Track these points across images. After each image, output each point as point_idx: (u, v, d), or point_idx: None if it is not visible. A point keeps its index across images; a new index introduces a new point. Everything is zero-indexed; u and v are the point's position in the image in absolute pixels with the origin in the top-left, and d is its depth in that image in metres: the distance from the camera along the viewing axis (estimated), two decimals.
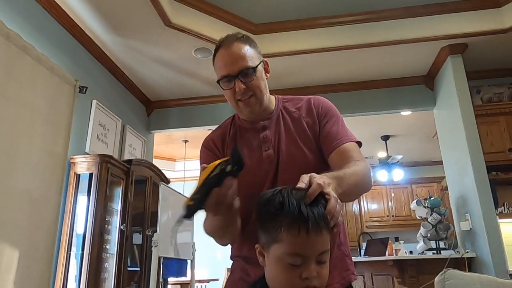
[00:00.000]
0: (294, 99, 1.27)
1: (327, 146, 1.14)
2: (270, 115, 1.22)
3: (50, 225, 2.78)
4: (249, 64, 1.13)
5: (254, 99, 1.15)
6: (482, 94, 4.02)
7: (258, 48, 1.21)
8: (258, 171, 1.14)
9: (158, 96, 4.60)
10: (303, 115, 1.20)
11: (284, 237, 0.72)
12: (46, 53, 2.83)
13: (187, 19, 3.35)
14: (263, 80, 1.18)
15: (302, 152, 1.14)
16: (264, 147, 1.16)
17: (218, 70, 1.17)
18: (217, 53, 1.17)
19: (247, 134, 1.22)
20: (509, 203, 3.60)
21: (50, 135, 2.84)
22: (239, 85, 1.12)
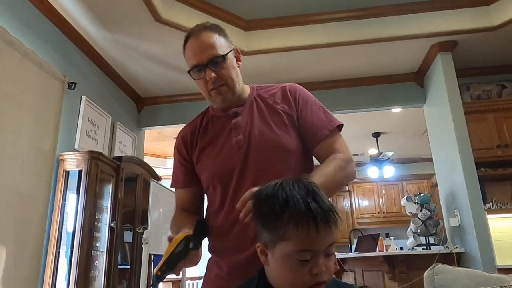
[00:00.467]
0: (268, 86, 1.26)
1: (311, 138, 1.15)
2: (243, 102, 1.21)
3: (38, 223, 2.74)
4: (218, 52, 1.12)
5: (225, 88, 1.14)
6: (471, 91, 4.06)
7: (228, 37, 1.20)
8: (226, 158, 1.13)
9: (149, 92, 4.56)
10: (278, 101, 1.19)
11: (293, 234, 0.69)
12: (34, 48, 2.79)
13: (178, 15, 3.32)
14: (234, 68, 1.16)
15: (276, 135, 1.12)
16: (235, 133, 1.15)
17: (188, 60, 1.16)
18: (187, 44, 1.17)
19: (219, 122, 1.21)
20: (497, 199, 3.65)
21: (38, 131, 2.80)
22: (209, 74, 1.11)
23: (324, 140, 1.13)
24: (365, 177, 7.08)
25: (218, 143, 1.17)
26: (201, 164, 1.19)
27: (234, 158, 1.12)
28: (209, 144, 1.19)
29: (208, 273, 1.17)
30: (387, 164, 6.20)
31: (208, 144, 1.19)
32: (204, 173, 1.18)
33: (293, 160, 1.11)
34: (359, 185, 7.55)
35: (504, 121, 3.64)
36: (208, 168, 1.17)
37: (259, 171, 1.08)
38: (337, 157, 1.09)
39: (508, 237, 3.51)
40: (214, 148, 1.17)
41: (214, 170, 1.14)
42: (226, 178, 1.12)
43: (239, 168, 1.10)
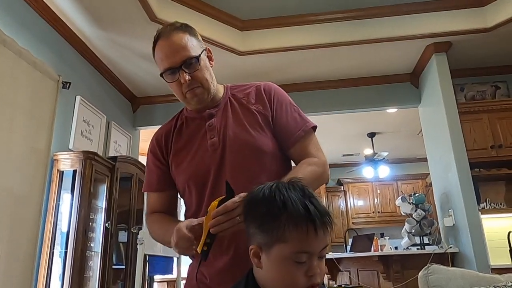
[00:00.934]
0: (243, 85, 1.24)
1: (286, 140, 1.13)
2: (218, 102, 1.18)
3: (32, 223, 2.72)
4: (191, 53, 1.09)
5: (201, 89, 1.12)
6: (465, 92, 4.09)
7: (199, 36, 1.17)
8: (201, 161, 1.11)
9: (144, 92, 4.55)
10: (252, 101, 1.17)
11: (292, 236, 0.70)
12: (28, 47, 2.76)
13: (173, 15, 3.31)
14: (207, 69, 1.14)
15: (251, 136, 1.10)
16: (210, 135, 1.13)
17: (160, 63, 1.12)
18: (157, 45, 1.13)
19: (193, 124, 1.18)
20: (491, 199, 3.68)
21: (32, 131, 2.78)
22: (183, 76, 1.08)
23: (299, 142, 1.12)
24: (360, 177, 7.11)
25: (193, 145, 1.15)
26: (176, 168, 1.16)
27: (209, 160, 1.10)
28: (183, 147, 1.17)
29: (190, 278, 1.13)
30: (382, 164, 6.22)
31: (183, 147, 1.17)
32: (179, 177, 1.16)
33: (268, 161, 1.10)
34: (354, 185, 7.58)
35: (498, 121, 3.66)
36: (183, 171, 1.14)
37: (235, 172, 1.06)
38: (312, 161, 1.08)
39: (502, 237, 3.52)
40: (189, 151, 1.15)
41: (189, 173, 1.12)
42: (201, 181, 1.10)
43: (214, 170, 1.08)
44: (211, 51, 1.20)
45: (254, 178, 1.01)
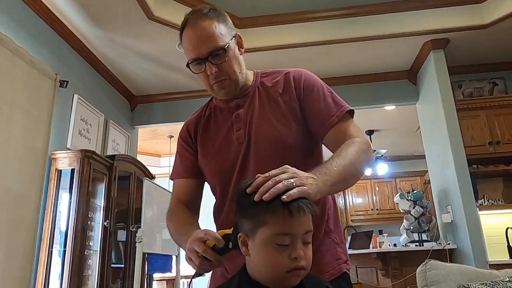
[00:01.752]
0: (273, 73, 1.18)
1: (319, 126, 1.06)
2: (246, 92, 1.13)
3: (30, 222, 2.72)
4: (219, 43, 1.03)
5: (228, 81, 1.07)
6: (463, 89, 4.09)
7: (228, 21, 1.10)
8: (227, 155, 1.08)
9: (142, 90, 4.54)
10: (280, 91, 1.11)
11: (272, 219, 0.73)
12: (25, 46, 2.76)
13: (171, 12, 3.30)
14: (236, 58, 1.08)
15: (275, 129, 1.05)
16: (236, 127, 1.09)
17: (186, 52, 1.07)
18: (183, 34, 1.07)
19: (221, 114, 1.15)
20: (489, 196, 3.69)
21: (30, 130, 2.78)
22: (210, 68, 1.04)
23: (334, 127, 1.04)
24: None
25: (220, 137, 1.11)
26: (203, 159, 1.14)
27: (235, 154, 1.07)
28: (210, 138, 1.14)
29: (214, 272, 1.12)
30: (380, 161, 6.23)
31: (210, 138, 1.14)
32: (205, 169, 1.14)
33: (293, 156, 1.04)
34: None
35: (496, 118, 3.67)
36: (209, 165, 1.12)
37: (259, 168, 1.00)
38: (356, 140, 1.00)
39: (500, 233, 3.53)
40: (216, 143, 1.12)
41: (215, 168, 1.10)
42: (227, 175, 1.07)
43: (239, 165, 1.06)
44: (242, 37, 1.13)
45: None
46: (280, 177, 0.76)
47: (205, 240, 0.84)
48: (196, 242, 0.84)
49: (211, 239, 0.83)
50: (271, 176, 0.76)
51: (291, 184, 0.74)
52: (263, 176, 0.77)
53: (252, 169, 1.04)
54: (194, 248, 0.84)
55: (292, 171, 0.79)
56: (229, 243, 0.84)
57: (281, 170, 0.79)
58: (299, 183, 0.76)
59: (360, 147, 0.98)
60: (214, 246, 0.84)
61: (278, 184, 0.74)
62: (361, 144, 0.99)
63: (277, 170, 0.78)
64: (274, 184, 0.74)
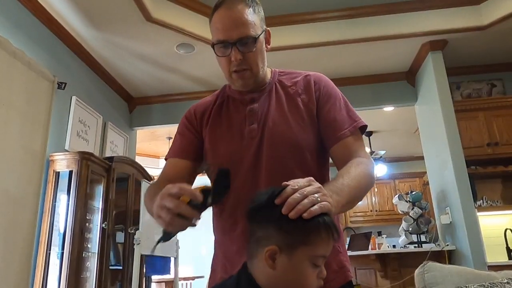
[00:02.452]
0: (292, 73, 1.17)
1: (330, 135, 1.06)
2: (263, 87, 1.12)
3: (28, 224, 2.71)
4: (250, 32, 1.01)
5: (249, 73, 1.05)
6: (461, 90, 4.10)
7: (262, 14, 1.09)
8: (237, 146, 1.05)
9: (141, 92, 4.54)
10: (299, 91, 1.10)
11: (317, 240, 0.73)
12: (22, 48, 2.75)
13: (169, 14, 3.30)
14: (261, 52, 1.07)
15: (291, 130, 1.04)
16: (249, 121, 1.07)
17: (215, 32, 1.04)
18: (216, 12, 1.04)
19: (234, 105, 1.13)
20: (488, 197, 3.68)
21: (28, 132, 2.77)
22: (236, 54, 1.01)
23: (343, 140, 1.04)
24: None
25: (231, 128, 1.09)
26: (210, 147, 1.10)
27: (246, 148, 1.04)
28: (221, 126, 1.11)
29: (213, 274, 1.09)
30: (379, 162, 6.23)
31: (220, 126, 1.11)
32: (210, 152, 1.10)
33: (307, 158, 1.04)
34: None
35: (494, 119, 3.67)
36: (216, 150, 1.09)
37: (271, 166, 1.01)
38: (364, 161, 0.99)
39: (498, 235, 3.54)
40: (226, 134, 1.09)
41: (222, 155, 1.07)
42: (233, 167, 1.00)
43: (250, 160, 1.03)
44: (270, 34, 1.13)
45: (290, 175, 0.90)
46: (307, 191, 0.73)
47: (179, 196, 0.76)
48: (168, 198, 0.77)
49: (187, 194, 0.76)
50: (299, 188, 0.73)
51: (315, 200, 0.72)
52: (291, 187, 0.73)
53: (264, 167, 1.02)
54: (165, 204, 0.77)
55: (317, 185, 0.76)
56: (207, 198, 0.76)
57: (307, 181, 0.76)
58: (322, 199, 0.74)
59: (368, 170, 0.98)
60: (189, 201, 0.76)
61: (305, 200, 0.71)
62: (368, 166, 1.00)
63: (304, 182, 0.75)
64: (302, 199, 0.71)
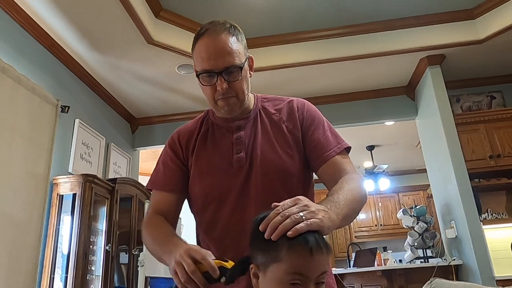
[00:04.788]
0: (275, 99, 1.18)
1: (316, 157, 1.06)
2: (248, 114, 1.12)
3: (31, 248, 2.71)
4: (236, 61, 1.02)
5: (235, 99, 1.05)
6: (461, 103, 4.11)
7: (245, 41, 1.10)
8: (224, 175, 1.05)
9: (143, 112, 4.58)
10: (283, 118, 1.11)
11: (287, 256, 0.70)
12: (26, 73, 2.80)
13: (169, 36, 3.36)
14: (246, 79, 1.08)
15: (279, 158, 1.05)
16: (236, 150, 1.07)
17: (199, 61, 1.03)
18: (200, 41, 1.04)
19: (220, 133, 1.12)
20: (492, 209, 3.66)
21: (31, 156, 2.79)
22: (221, 84, 1.01)
23: (330, 161, 1.05)
24: None
25: (217, 157, 1.08)
26: (196, 176, 1.09)
27: (234, 177, 1.04)
28: (206, 155, 1.10)
29: None
30: (382, 176, 6.21)
31: (206, 155, 1.10)
32: (196, 187, 1.09)
33: (295, 184, 1.04)
34: None
35: (495, 131, 3.68)
36: (202, 183, 1.08)
37: (260, 195, 1.01)
38: (354, 177, 1.00)
39: (506, 248, 3.50)
40: (211, 162, 1.08)
41: (210, 187, 1.06)
42: (221, 198, 1.03)
43: (238, 188, 1.03)
44: (253, 60, 1.14)
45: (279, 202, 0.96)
46: (290, 211, 0.73)
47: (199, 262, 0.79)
48: (188, 259, 0.80)
49: (206, 265, 0.79)
50: (281, 210, 0.73)
51: (300, 219, 0.71)
52: (275, 210, 0.74)
53: (253, 195, 1.02)
54: (183, 264, 0.80)
55: (303, 203, 0.75)
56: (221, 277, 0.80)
57: (292, 202, 0.75)
58: (309, 217, 0.72)
59: (359, 184, 0.99)
60: (205, 272, 0.79)
61: (286, 220, 0.71)
62: (359, 181, 1.00)
63: (289, 202, 0.75)
64: (283, 220, 0.71)
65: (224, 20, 1.07)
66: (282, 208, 0.74)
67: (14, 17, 2.78)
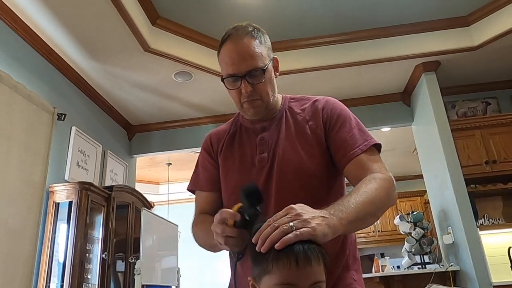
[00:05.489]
0: (302, 99, 1.18)
1: (341, 156, 1.03)
2: (273, 115, 1.13)
3: (27, 257, 2.69)
4: (258, 64, 1.03)
5: (260, 102, 1.07)
6: (457, 109, 4.14)
7: (269, 42, 1.12)
8: (247, 175, 1.06)
9: (140, 120, 4.58)
10: (307, 117, 1.11)
11: (275, 267, 0.70)
12: (23, 81, 2.80)
13: (166, 44, 3.38)
14: (271, 81, 1.09)
15: (299, 157, 1.04)
16: (260, 150, 1.09)
17: (224, 67, 1.07)
18: (223, 46, 1.07)
19: (246, 134, 1.15)
20: (489, 215, 3.67)
21: (28, 164, 2.78)
22: (245, 87, 1.03)
23: (355, 158, 1.01)
24: None
25: (242, 157, 1.11)
26: (223, 176, 1.13)
27: (256, 177, 1.05)
28: (233, 155, 1.13)
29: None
30: None
31: (232, 155, 1.13)
32: (223, 185, 1.13)
33: (316, 185, 1.03)
34: None
35: (491, 137, 3.69)
36: (228, 183, 1.11)
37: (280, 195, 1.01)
38: (377, 176, 0.95)
39: (502, 253, 3.49)
40: (238, 163, 1.11)
41: (233, 187, 1.08)
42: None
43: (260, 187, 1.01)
44: (278, 61, 1.15)
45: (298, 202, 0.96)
46: (280, 222, 0.72)
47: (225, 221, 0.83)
48: (216, 225, 0.84)
49: (228, 216, 0.82)
50: (272, 221, 0.73)
51: (289, 229, 0.70)
52: (267, 222, 0.74)
53: (274, 195, 1.02)
54: (216, 231, 0.84)
55: (295, 212, 0.74)
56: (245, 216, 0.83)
57: (284, 211, 0.75)
58: (300, 226, 0.71)
59: (381, 184, 0.93)
60: (234, 223, 0.83)
61: (275, 232, 0.70)
62: (382, 181, 0.94)
63: (281, 212, 0.75)
64: (272, 231, 0.71)
65: (247, 23, 1.10)
66: (273, 219, 0.74)
67: (11, 25, 2.79)
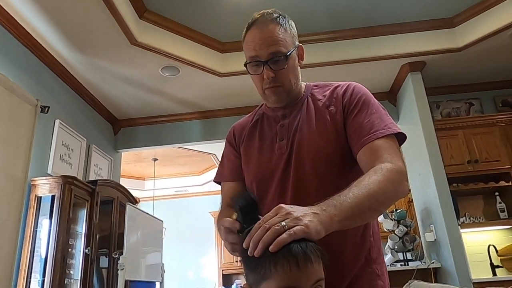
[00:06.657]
0: (325, 85, 1.17)
1: (356, 142, 0.99)
2: (295, 102, 1.13)
3: (7, 251, 2.64)
4: (281, 49, 1.03)
5: (281, 89, 1.07)
6: (441, 109, 4.21)
7: (295, 30, 1.11)
8: (267, 163, 1.07)
9: (125, 114, 4.53)
10: (327, 103, 1.10)
11: (274, 273, 0.67)
12: (6, 72, 2.75)
13: (153, 38, 3.34)
14: (294, 68, 1.09)
15: (315, 143, 1.02)
16: (279, 137, 1.09)
17: (247, 51, 1.08)
18: (249, 32, 1.08)
19: (267, 121, 1.16)
20: (470, 213, 3.75)
21: (9, 157, 2.73)
22: (267, 72, 1.04)
23: (367, 145, 0.96)
24: None
25: (263, 145, 1.11)
26: (244, 164, 1.14)
27: (275, 164, 1.06)
28: (254, 144, 1.14)
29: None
30: None
31: (254, 144, 1.14)
32: (245, 173, 1.14)
33: (331, 170, 1.00)
34: None
35: (473, 137, 3.78)
36: (249, 170, 1.12)
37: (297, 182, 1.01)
38: (385, 166, 0.89)
39: (482, 251, 3.59)
40: (258, 150, 1.12)
41: (253, 174, 1.09)
42: (265, 185, 1.06)
43: (279, 175, 1.04)
44: (304, 49, 1.14)
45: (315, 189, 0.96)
46: (270, 223, 0.70)
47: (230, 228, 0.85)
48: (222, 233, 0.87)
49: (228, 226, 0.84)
50: (262, 223, 0.71)
51: (281, 229, 0.68)
52: (257, 224, 0.72)
53: (291, 182, 1.02)
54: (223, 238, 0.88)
55: (285, 211, 0.72)
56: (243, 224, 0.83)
57: (274, 211, 0.73)
58: (292, 224, 0.69)
59: (388, 176, 0.87)
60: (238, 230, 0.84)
61: (267, 234, 0.68)
62: (390, 172, 0.88)
63: (270, 213, 0.73)
64: (263, 234, 0.68)
65: (273, 10, 1.09)
66: (263, 220, 0.71)
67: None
